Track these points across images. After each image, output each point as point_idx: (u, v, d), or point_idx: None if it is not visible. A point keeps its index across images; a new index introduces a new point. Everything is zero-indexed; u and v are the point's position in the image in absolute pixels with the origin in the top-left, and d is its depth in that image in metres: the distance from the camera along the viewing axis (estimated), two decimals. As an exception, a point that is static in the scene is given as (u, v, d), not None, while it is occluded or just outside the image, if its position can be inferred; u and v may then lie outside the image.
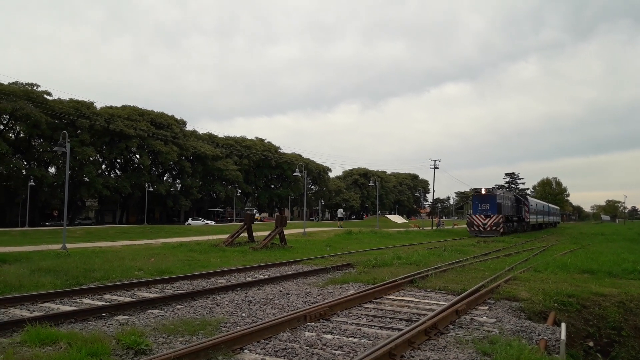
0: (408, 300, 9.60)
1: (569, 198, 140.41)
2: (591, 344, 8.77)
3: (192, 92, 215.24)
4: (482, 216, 38.07)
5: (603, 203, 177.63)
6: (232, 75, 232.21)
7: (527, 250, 22.99)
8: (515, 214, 44.59)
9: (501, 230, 36.96)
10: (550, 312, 8.94)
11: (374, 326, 7.48)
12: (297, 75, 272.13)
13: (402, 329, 6.93)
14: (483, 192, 39.31)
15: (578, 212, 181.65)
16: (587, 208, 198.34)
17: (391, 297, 10.00)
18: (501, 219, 37.28)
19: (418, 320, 7.39)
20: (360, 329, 7.24)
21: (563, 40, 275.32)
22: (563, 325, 7.52)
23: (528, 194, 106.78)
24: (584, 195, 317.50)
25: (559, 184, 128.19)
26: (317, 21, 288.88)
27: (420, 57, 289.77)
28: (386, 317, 8.07)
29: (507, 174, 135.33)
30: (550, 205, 74.13)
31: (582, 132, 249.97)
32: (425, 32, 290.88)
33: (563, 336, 6.91)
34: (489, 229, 37.34)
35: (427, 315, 7.78)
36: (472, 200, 40.83)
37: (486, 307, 9.03)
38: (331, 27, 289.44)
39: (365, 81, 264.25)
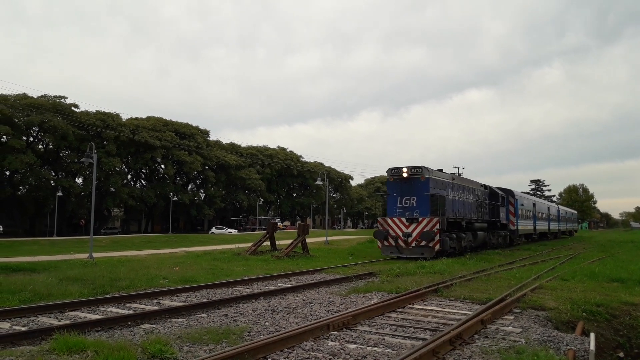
0: (432, 310, 9.51)
1: (596, 205, 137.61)
2: (621, 354, 8.54)
3: (214, 102, 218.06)
4: (403, 220, 21.14)
5: (632, 210, 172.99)
6: (253, 85, 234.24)
7: (554, 258, 22.57)
8: (487, 216, 28.12)
9: (437, 246, 20.35)
10: (579, 321, 8.74)
11: (398, 336, 7.42)
12: (317, 84, 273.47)
13: (426, 339, 6.86)
14: (404, 174, 21.49)
15: (606, 219, 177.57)
16: (615, 215, 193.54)
17: (415, 306, 9.91)
18: (436, 225, 20.38)
19: (442, 330, 7.31)
20: (384, 339, 7.19)
21: (587, 44, 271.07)
22: (592, 335, 7.35)
23: (555, 201, 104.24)
24: (613, 202, 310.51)
25: (585, 190, 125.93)
26: (338, 30, 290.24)
27: (441, 63, 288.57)
28: (410, 327, 8.00)
29: (532, 181, 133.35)
30: (562, 207, 59.09)
31: (609, 138, 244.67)
32: (446, 38, 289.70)
33: (592, 346, 6.75)
34: (413, 244, 20.66)
35: (452, 324, 7.69)
36: (387, 189, 22.78)
37: (512, 317, 8.88)
38: (351, 36, 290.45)
39: (385, 89, 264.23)
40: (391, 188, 22.22)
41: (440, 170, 23.15)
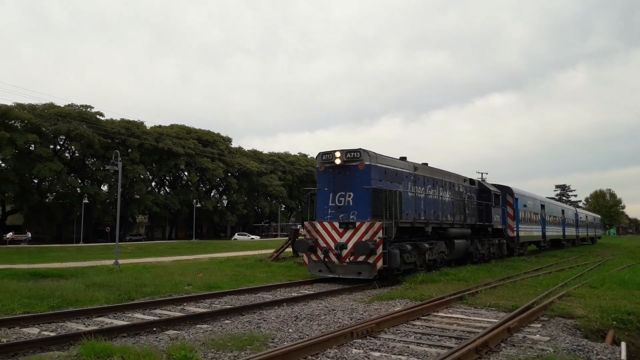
0: (457, 318, 9.39)
1: (624, 210, 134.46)
2: (654, 364, 8.31)
3: (236, 109, 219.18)
4: (336, 225, 15.19)
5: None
6: (274, 92, 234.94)
7: (581, 265, 22.12)
8: (474, 219, 21.87)
9: (379, 262, 14.23)
10: (609, 330, 8.53)
11: (423, 344, 7.34)
12: (338, 90, 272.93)
13: (451, 347, 6.77)
14: (337, 160, 15.55)
15: (635, 225, 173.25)
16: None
17: (440, 314, 9.81)
18: (379, 232, 14.35)
19: (468, 338, 7.21)
20: (408, 347, 7.12)
21: (613, 46, 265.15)
22: (623, 344, 7.17)
23: (580, 206, 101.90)
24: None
25: (613, 195, 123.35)
26: (358, 35, 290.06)
27: (463, 68, 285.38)
28: (435, 335, 7.91)
29: (557, 186, 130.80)
30: (582, 211, 52.63)
31: (638, 141, 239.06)
32: (468, 42, 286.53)
33: (623, 356, 6.58)
34: (348, 259, 14.64)
35: (478, 332, 7.58)
36: (317, 182, 16.66)
37: (539, 325, 8.72)
38: (372, 41, 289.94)
39: (407, 94, 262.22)
40: (322, 180, 16.10)
41: (404, 159, 17.67)
